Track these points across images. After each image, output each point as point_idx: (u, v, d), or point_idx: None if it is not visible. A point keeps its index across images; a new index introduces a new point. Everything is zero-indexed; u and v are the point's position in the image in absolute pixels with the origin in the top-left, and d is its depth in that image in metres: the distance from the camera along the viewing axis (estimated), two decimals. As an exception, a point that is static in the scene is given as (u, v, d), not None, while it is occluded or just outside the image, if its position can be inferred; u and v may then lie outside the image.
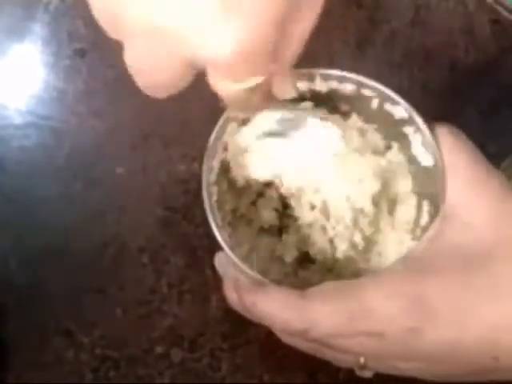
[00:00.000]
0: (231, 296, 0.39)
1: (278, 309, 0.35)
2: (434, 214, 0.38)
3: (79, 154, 0.49)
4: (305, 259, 0.43)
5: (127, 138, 0.50)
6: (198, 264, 0.47)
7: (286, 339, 0.38)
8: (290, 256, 0.42)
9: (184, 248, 0.47)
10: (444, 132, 0.39)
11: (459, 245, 0.36)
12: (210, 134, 0.40)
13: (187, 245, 0.47)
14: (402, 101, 0.40)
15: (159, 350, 0.45)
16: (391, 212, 0.44)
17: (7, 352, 0.44)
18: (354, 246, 0.43)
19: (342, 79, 0.40)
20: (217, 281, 0.41)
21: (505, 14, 0.53)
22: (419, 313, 0.33)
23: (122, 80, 0.51)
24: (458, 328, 0.33)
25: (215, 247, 0.44)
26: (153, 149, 0.50)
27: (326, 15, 0.40)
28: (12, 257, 0.46)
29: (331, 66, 0.41)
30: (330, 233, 0.43)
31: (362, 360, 0.36)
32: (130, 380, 0.45)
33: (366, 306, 0.33)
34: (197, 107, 0.51)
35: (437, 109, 0.41)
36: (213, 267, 0.45)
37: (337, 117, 0.43)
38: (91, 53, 0.52)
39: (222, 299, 0.45)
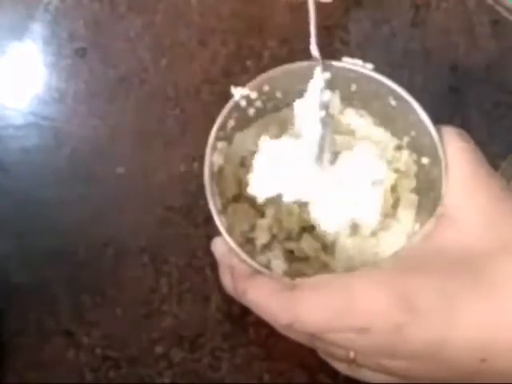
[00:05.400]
0: (226, 282, 0.39)
1: (265, 300, 0.35)
2: (433, 214, 0.38)
3: (80, 154, 0.49)
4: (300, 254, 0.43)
5: (127, 138, 0.50)
6: (198, 264, 0.47)
7: (279, 328, 0.38)
8: (264, 239, 0.42)
9: (184, 248, 0.47)
10: (448, 132, 0.39)
11: (451, 245, 0.36)
12: (209, 134, 0.40)
13: (187, 245, 0.47)
14: (411, 99, 0.40)
15: (159, 349, 0.45)
16: (393, 213, 0.44)
17: (7, 352, 0.44)
18: (350, 244, 0.43)
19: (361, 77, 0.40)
20: (217, 281, 0.42)
21: (505, 14, 0.53)
22: (405, 310, 0.33)
23: (122, 80, 0.51)
24: (443, 327, 0.33)
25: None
26: (153, 149, 0.50)
27: (326, 15, 0.41)
28: (12, 257, 0.46)
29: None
30: (326, 230, 0.43)
31: (351, 354, 0.36)
32: (130, 380, 0.45)
33: (352, 301, 0.34)
34: (197, 107, 0.51)
35: (437, 109, 0.41)
36: (213, 267, 0.45)
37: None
38: (92, 53, 0.52)
39: (222, 299, 0.45)
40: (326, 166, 0.40)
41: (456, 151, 0.38)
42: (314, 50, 0.40)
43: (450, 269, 0.34)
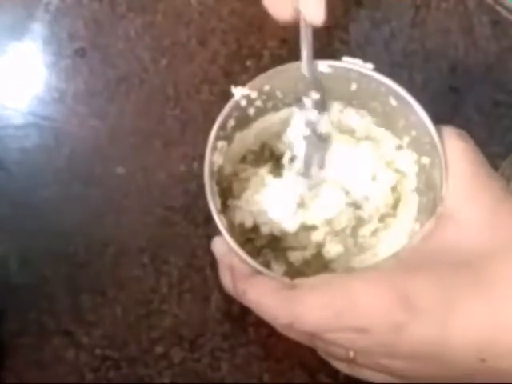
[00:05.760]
0: (226, 282, 0.39)
1: (265, 300, 0.35)
2: (433, 214, 0.38)
3: (79, 155, 0.49)
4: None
5: (127, 138, 0.50)
6: (198, 264, 0.47)
7: (279, 328, 0.38)
8: (264, 239, 0.43)
9: (184, 248, 0.47)
10: (449, 132, 0.39)
11: (452, 245, 0.36)
12: (209, 134, 0.40)
13: (187, 245, 0.47)
14: (411, 99, 0.40)
15: (159, 349, 0.45)
16: (394, 213, 0.44)
17: (7, 352, 0.44)
18: (350, 244, 0.43)
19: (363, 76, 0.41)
20: (217, 281, 0.42)
21: (505, 14, 0.53)
22: (404, 309, 0.33)
23: (122, 80, 0.51)
24: (442, 327, 0.33)
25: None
26: (153, 149, 0.50)
27: (326, 15, 0.41)
28: (12, 257, 0.46)
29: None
30: (324, 233, 0.43)
31: (351, 354, 0.36)
32: (130, 380, 0.45)
33: (352, 301, 0.34)
34: (197, 107, 0.51)
35: (437, 109, 0.41)
36: (213, 267, 0.45)
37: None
38: (91, 53, 0.52)
39: (222, 299, 0.45)
40: (313, 183, 0.42)
41: (456, 151, 0.38)
42: (304, 69, 0.40)
43: (450, 269, 0.34)
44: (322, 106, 0.41)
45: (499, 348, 0.33)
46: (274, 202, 0.42)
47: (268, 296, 0.35)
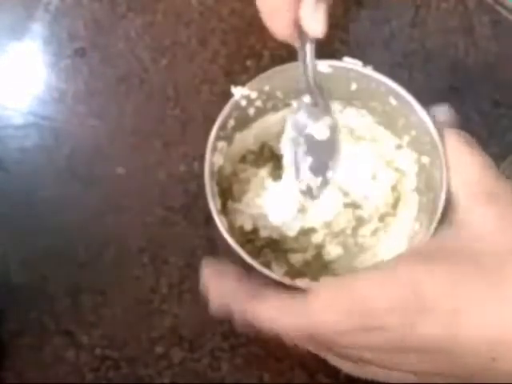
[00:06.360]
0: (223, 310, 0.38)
1: (279, 319, 0.35)
2: (433, 213, 0.38)
3: (79, 154, 0.49)
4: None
5: (127, 138, 0.50)
6: (198, 264, 0.46)
7: (291, 340, 0.38)
8: (264, 240, 0.43)
9: (184, 248, 0.47)
10: (453, 136, 0.39)
11: (463, 247, 0.35)
12: (209, 134, 0.40)
13: (187, 245, 0.47)
14: (411, 99, 0.40)
15: (159, 350, 0.45)
16: (394, 212, 0.44)
17: (7, 352, 0.44)
18: (350, 244, 0.43)
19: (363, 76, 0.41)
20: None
21: (505, 14, 0.53)
22: (415, 305, 0.33)
23: (122, 80, 0.51)
24: (452, 323, 0.33)
25: (215, 248, 0.44)
26: (153, 149, 0.50)
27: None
28: (12, 257, 0.46)
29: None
30: (324, 234, 0.43)
31: (366, 354, 0.35)
32: (130, 380, 0.45)
33: (363, 301, 0.33)
34: (197, 107, 0.51)
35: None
36: (213, 267, 0.45)
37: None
38: (91, 52, 0.52)
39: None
40: (303, 183, 0.42)
41: (464, 156, 0.38)
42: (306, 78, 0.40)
43: (462, 268, 0.34)
44: (322, 112, 0.41)
45: (509, 348, 0.33)
46: (274, 206, 0.42)
47: (280, 314, 0.35)
